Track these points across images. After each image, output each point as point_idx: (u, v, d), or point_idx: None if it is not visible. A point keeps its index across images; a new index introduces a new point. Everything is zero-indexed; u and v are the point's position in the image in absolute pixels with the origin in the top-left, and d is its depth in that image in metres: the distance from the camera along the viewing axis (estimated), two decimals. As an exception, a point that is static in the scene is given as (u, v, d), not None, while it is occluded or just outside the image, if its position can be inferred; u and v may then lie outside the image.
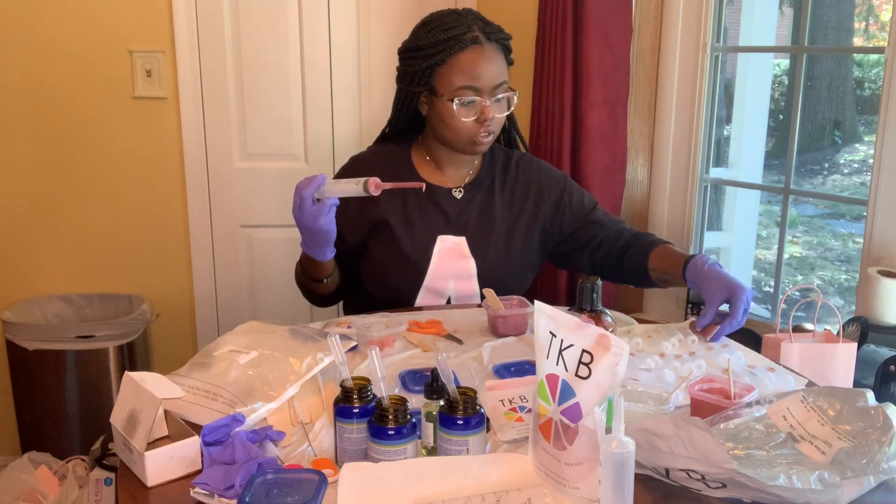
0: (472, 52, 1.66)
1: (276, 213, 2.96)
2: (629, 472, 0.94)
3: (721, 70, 2.52)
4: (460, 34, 1.66)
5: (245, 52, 2.81)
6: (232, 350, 1.35)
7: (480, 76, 1.66)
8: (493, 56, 1.68)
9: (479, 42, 1.67)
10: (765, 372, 1.41)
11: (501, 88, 1.70)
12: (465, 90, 1.67)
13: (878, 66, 5.43)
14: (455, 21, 1.68)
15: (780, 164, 3.10)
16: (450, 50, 1.66)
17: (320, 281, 1.73)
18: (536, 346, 1.05)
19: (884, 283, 1.96)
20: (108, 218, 2.87)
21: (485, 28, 1.69)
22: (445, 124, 1.71)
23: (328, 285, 1.76)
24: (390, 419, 1.07)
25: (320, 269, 1.69)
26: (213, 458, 1.09)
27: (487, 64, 1.67)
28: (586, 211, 1.86)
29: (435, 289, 1.78)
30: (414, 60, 1.71)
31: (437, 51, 1.67)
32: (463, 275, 1.78)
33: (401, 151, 1.83)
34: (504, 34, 1.74)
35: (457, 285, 1.79)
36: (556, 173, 1.91)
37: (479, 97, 1.67)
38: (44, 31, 2.70)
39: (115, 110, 2.79)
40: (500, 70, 1.70)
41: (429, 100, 1.73)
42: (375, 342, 1.48)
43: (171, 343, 2.97)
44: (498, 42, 1.71)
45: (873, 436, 1.06)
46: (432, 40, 1.67)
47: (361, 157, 1.87)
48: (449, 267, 1.78)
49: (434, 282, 1.77)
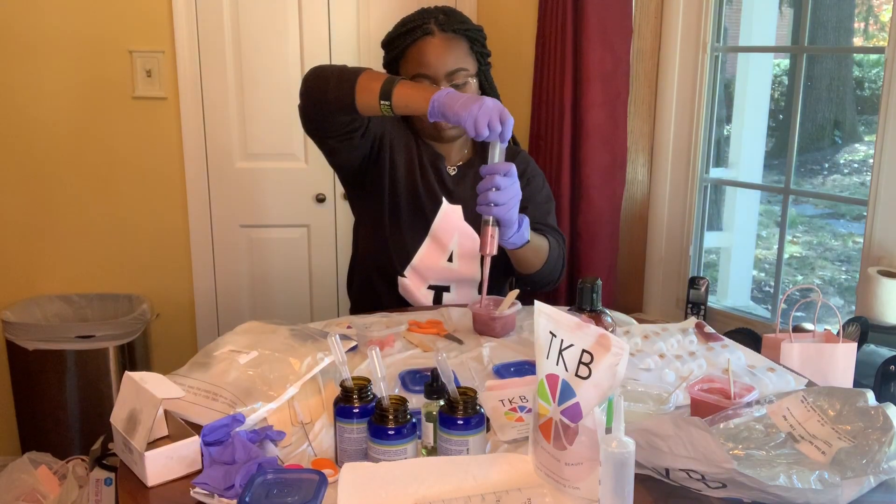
0: (423, 42, 1.75)
1: (276, 213, 2.96)
2: (629, 472, 0.94)
3: (721, 70, 2.52)
4: (415, 27, 1.76)
5: (245, 52, 2.81)
6: (232, 350, 1.35)
7: (429, 64, 1.73)
8: (445, 44, 1.74)
9: (429, 32, 1.75)
10: (765, 372, 1.41)
11: (459, 75, 1.74)
12: (418, 78, 1.74)
13: (878, 66, 5.43)
14: (415, 17, 1.78)
15: (780, 164, 3.10)
16: (405, 42, 1.76)
17: (353, 109, 1.60)
18: (536, 346, 1.05)
19: (884, 283, 1.96)
20: (108, 218, 2.87)
21: (444, 20, 1.76)
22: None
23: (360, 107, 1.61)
24: (390, 419, 1.07)
25: (374, 103, 1.57)
26: (213, 458, 1.09)
27: (438, 52, 1.73)
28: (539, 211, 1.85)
29: (440, 239, 1.80)
30: (386, 56, 1.84)
31: (396, 45, 1.79)
32: (467, 234, 1.80)
33: (407, 123, 1.88)
34: (466, 25, 1.79)
35: (461, 240, 1.80)
36: (524, 161, 1.90)
37: (435, 84, 1.72)
38: (44, 31, 2.70)
39: (115, 110, 2.79)
40: (455, 57, 1.75)
41: None
42: (375, 342, 1.48)
43: (171, 343, 2.97)
44: (456, 31, 1.76)
45: (873, 436, 1.06)
46: (394, 35, 1.80)
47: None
48: (453, 223, 1.81)
49: (440, 233, 1.79)
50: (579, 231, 2.52)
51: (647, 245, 2.68)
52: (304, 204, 2.96)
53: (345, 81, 1.59)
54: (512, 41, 2.72)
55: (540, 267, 1.76)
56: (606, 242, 2.54)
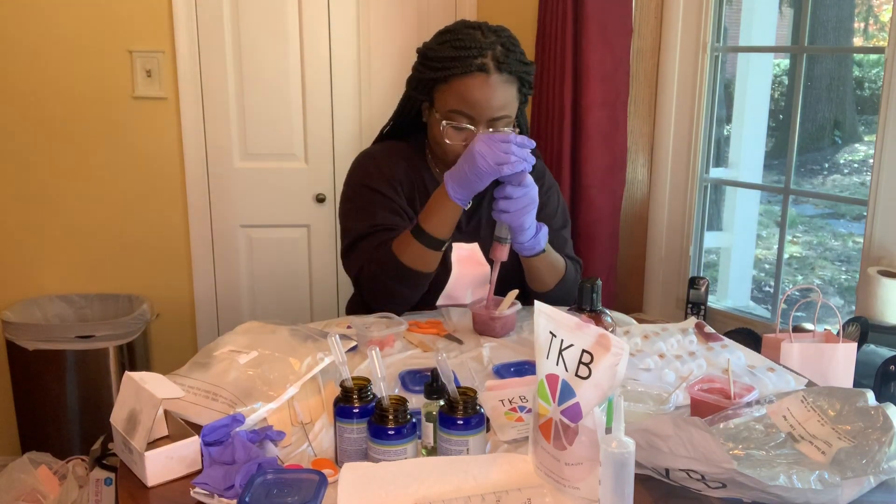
0: (476, 79, 1.58)
1: (276, 213, 2.96)
2: (629, 472, 0.94)
3: (721, 70, 2.52)
4: (470, 56, 1.57)
5: (245, 52, 2.81)
6: (232, 350, 1.35)
7: (476, 105, 1.58)
8: (498, 87, 1.59)
9: (485, 70, 1.57)
10: (765, 372, 1.41)
11: (502, 122, 1.61)
12: (457, 115, 1.61)
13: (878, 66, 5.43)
14: (472, 41, 1.59)
15: (780, 164, 3.10)
16: (453, 70, 1.58)
17: (440, 248, 1.61)
18: (536, 346, 1.05)
19: (884, 283, 1.96)
20: (108, 218, 2.87)
21: (502, 56, 1.59)
22: (435, 140, 1.69)
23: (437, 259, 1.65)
24: (390, 419, 1.07)
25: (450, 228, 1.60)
26: (213, 458, 1.09)
27: (488, 95, 1.58)
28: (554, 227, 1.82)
29: (454, 297, 1.77)
30: (423, 68, 1.66)
31: (442, 66, 1.60)
32: (481, 281, 1.77)
33: (414, 151, 1.78)
34: (524, 66, 1.63)
35: (475, 293, 1.78)
36: (544, 176, 1.86)
37: (473, 125, 1.61)
38: (44, 31, 2.70)
39: (115, 110, 2.79)
40: (503, 103, 1.60)
41: (429, 110, 1.71)
42: (375, 342, 1.48)
43: (171, 343, 2.97)
44: (512, 73, 1.60)
45: (873, 436, 1.06)
46: (441, 55, 1.60)
47: (377, 153, 1.79)
48: (468, 276, 1.76)
49: (454, 290, 1.76)
50: (579, 231, 2.52)
51: (647, 245, 2.68)
52: (304, 204, 2.96)
53: (403, 279, 1.62)
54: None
55: (553, 286, 1.73)
56: (606, 242, 2.54)
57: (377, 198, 1.71)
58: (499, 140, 1.49)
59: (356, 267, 1.68)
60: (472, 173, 1.51)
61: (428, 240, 1.58)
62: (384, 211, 1.70)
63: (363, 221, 1.70)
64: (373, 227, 1.68)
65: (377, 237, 1.67)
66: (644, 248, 2.68)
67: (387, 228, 1.68)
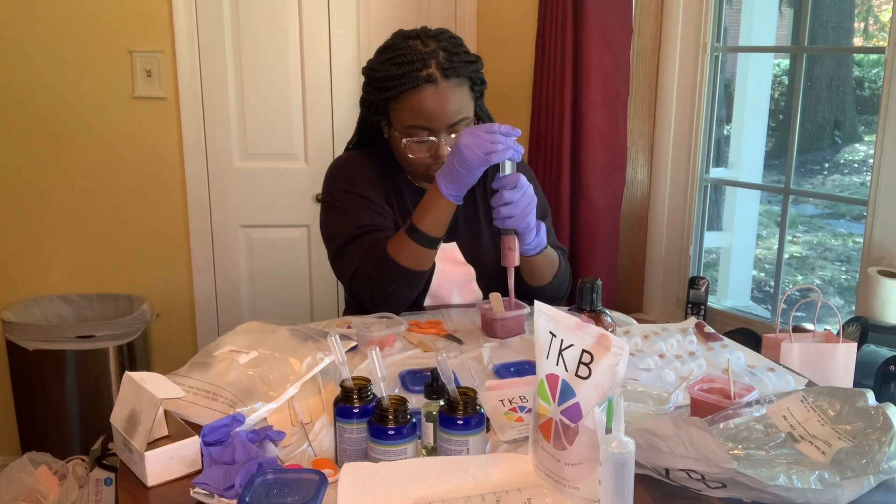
0: (425, 91, 1.57)
1: (276, 213, 2.96)
2: (629, 472, 0.94)
3: (721, 70, 2.52)
4: (414, 71, 1.57)
5: (245, 52, 2.81)
6: (232, 350, 1.35)
7: (431, 116, 1.58)
8: (450, 94, 1.58)
9: (432, 80, 1.57)
10: (765, 372, 1.41)
11: (461, 125, 1.61)
12: (416, 129, 1.60)
13: (878, 66, 5.43)
14: (413, 53, 1.58)
15: (780, 164, 3.10)
16: (401, 87, 1.58)
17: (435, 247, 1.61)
18: (536, 346, 1.05)
19: (884, 283, 1.96)
20: (108, 218, 2.87)
21: (446, 61, 1.58)
22: (400, 156, 1.69)
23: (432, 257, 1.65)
24: (390, 419, 1.07)
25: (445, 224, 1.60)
26: (213, 458, 1.09)
27: (441, 104, 1.58)
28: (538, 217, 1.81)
29: (440, 296, 1.77)
30: (371, 90, 1.66)
31: (389, 86, 1.59)
32: (464, 280, 1.78)
33: (384, 156, 1.77)
34: (470, 66, 1.62)
35: (460, 292, 1.78)
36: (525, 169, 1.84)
37: (434, 135, 1.61)
38: (44, 31, 2.70)
39: (115, 110, 2.79)
40: (458, 107, 1.60)
41: (387, 127, 1.70)
42: (375, 342, 1.48)
43: (171, 343, 2.97)
44: (461, 76, 1.60)
45: (873, 436, 1.06)
46: (386, 74, 1.60)
47: (351, 159, 1.79)
48: (451, 276, 1.76)
49: (439, 289, 1.76)
50: (579, 231, 2.52)
51: (647, 245, 2.68)
52: (304, 204, 2.96)
53: (400, 279, 1.61)
54: (512, 41, 2.72)
55: (551, 279, 1.73)
56: (606, 242, 2.54)
57: (359, 201, 1.72)
58: (483, 131, 1.49)
59: (349, 271, 1.68)
60: (461, 166, 1.51)
61: (423, 239, 1.58)
62: (368, 213, 1.70)
63: (349, 225, 1.70)
64: (359, 228, 1.69)
65: (365, 239, 1.67)
66: (644, 248, 2.68)
67: (373, 229, 1.68)
